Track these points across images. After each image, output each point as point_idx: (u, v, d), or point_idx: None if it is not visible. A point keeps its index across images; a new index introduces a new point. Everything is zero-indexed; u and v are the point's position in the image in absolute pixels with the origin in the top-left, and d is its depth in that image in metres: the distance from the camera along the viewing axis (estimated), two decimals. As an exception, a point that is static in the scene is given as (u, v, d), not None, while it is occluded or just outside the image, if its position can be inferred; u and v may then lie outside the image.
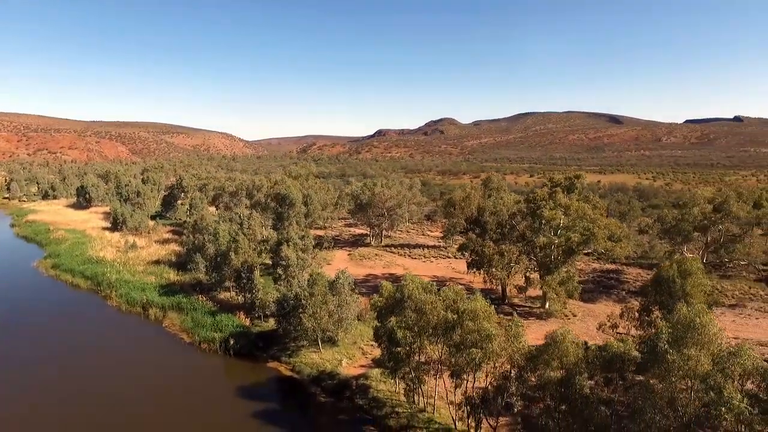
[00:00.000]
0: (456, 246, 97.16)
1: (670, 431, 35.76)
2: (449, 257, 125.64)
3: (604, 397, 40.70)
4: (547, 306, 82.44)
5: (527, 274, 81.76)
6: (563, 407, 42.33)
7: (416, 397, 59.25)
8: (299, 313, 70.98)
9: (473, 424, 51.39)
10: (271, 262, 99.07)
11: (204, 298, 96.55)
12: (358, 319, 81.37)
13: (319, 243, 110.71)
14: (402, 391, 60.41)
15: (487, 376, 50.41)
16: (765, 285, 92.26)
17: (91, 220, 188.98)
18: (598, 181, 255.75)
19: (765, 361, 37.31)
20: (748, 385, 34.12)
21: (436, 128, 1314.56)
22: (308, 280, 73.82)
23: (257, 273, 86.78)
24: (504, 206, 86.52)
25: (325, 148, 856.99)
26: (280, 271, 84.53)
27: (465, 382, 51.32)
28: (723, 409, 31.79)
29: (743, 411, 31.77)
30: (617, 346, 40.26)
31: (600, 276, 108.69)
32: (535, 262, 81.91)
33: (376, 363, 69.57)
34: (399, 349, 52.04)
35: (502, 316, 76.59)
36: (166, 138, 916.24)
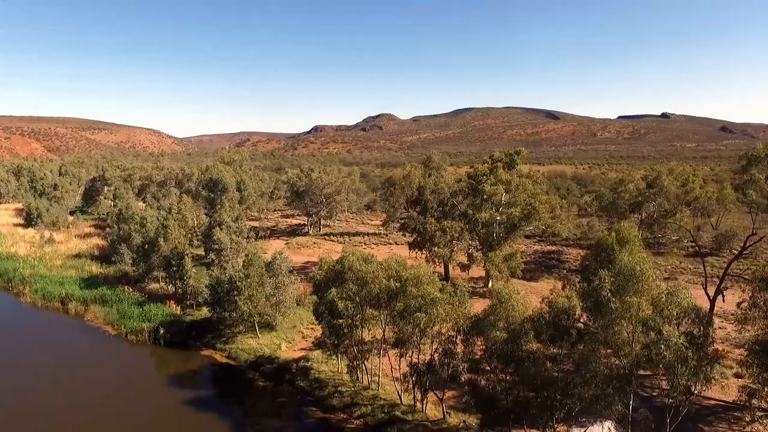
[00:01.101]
0: (397, 231, 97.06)
1: (614, 377, 36.76)
2: (390, 243, 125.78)
3: (550, 353, 41.28)
4: (490, 285, 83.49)
5: (470, 251, 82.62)
6: (511, 369, 42.63)
7: (360, 375, 58.65)
8: (234, 297, 68.81)
9: (419, 396, 51.12)
10: (204, 252, 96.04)
11: (131, 290, 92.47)
12: (297, 304, 79.96)
13: (255, 232, 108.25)
14: (345, 370, 59.64)
15: (432, 345, 50.21)
16: (693, 260, 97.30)
17: (1, 217, 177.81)
18: (537, 171, 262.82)
19: None
20: (684, 326, 35.60)
21: (374, 124, 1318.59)
22: (244, 262, 71.71)
23: (188, 259, 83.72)
24: (445, 184, 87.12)
25: (259, 144, 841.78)
26: (212, 255, 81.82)
27: (410, 352, 50.99)
28: (662, 347, 32.98)
29: (680, 347, 33.13)
30: (562, 301, 40.96)
31: (542, 257, 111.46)
32: (477, 241, 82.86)
33: (317, 345, 68.60)
34: (341, 321, 51.10)
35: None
36: (86, 134, 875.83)
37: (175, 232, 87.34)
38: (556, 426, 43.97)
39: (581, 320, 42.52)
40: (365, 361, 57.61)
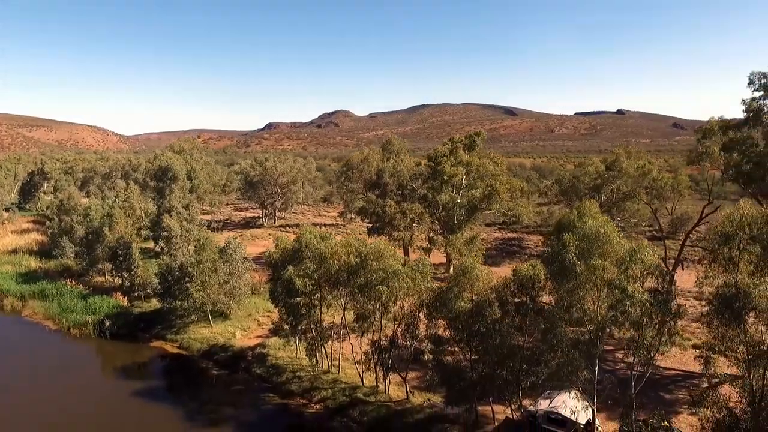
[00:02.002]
0: (355, 217, 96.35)
1: (580, 342, 37.04)
2: (349, 234, 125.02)
3: (516, 323, 41.40)
4: (451, 270, 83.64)
5: (430, 235, 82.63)
6: (476, 341, 42.57)
7: (320, 359, 57.75)
8: (185, 284, 66.81)
9: (381, 376, 50.59)
10: (153, 240, 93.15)
11: (74, 283, 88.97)
12: (253, 293, 78.45)
13: (207, 225, 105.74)
14: (304, 355, 58.66)
15: (395, 323, 49.76)
16: (651, 243, 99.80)
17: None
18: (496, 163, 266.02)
19: None
20: (648, 284, 36.17)
21: (330, 121, 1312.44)
22: (195, 247, 69.77)
23: (135, 248, 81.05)
24: (405, 167, 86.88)
25: (210, 142, 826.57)
26: (162, 244, 79.38)
27: (371, 331, 50.35)
28: (628, 303, 33.40)
29: (645, 303, 33.64)
30: (527, 269, 41.08)
31: (503, 243, 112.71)
32: (438, 224, 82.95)
33: (274, 332, 67.37)
34: (298, 299, 50.05)
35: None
36: (24, 132, 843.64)
37: (121, 221, 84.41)
38: (522, 398, 44.25)
39: (546, 300, 42.62)
40: (325, 345, 56.79)
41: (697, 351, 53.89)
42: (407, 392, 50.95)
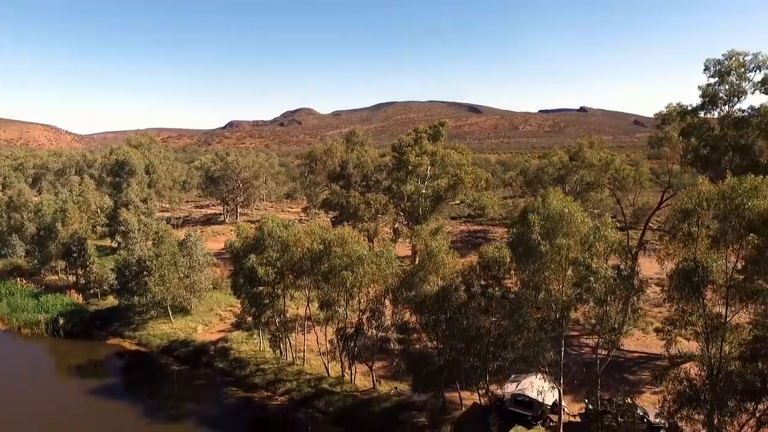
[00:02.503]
0: (319, 209, 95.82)
1: (546, 321, 37.58)
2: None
3: (482, 306, 41.77)
4: (416, 262, 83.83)
5: (395, 226, 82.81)
6: (443, 325, 42.80)
7: (284, 351, 57.35)
8: (144, 279, 65.43)
9: (347, 364, 50.43)
10: (109, 235, 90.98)
11: (25, 282, 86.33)
12: (214, 288, 77.44)
13: (167, 221, 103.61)
14: (268, 347, 58.17)
15: (360, 309, 49.68)
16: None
17: None
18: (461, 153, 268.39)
19: None
20: (612, 261, 36.92)
21: (293, 119, 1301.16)
22: (154, 240, 68.37)
23: (90, 244, 79.02)
24: (369, 158, 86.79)
25: (170, 140, 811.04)
26: (119, 239, 77.54)
27: (336, 321, 50.11)
28: (592, 279, 34.00)
29: (609, 279, 34.32)
30: (492, 252, 41.47)
31: (468, 236, 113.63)
32: (403, 215, 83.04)
33: (237, 326, 66.47)
34: (261, 288, 49.47)
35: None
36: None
37: (75, 216, 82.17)
38: (489, 383, 44.69)
39: (512, 283, 43.01)
40: (289, 337, 56.39)
41: (660, 334, 55.96)
42: (374, 381, 50.95)
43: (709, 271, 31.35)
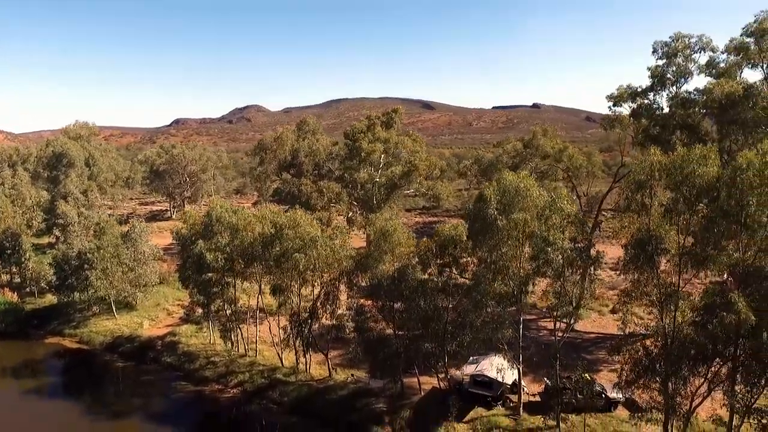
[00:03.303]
0: (270, 200, 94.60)
1: (504, 296, 37.97)
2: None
3: (439, 285, 41.93)
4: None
5: (349, 215, 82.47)
6: (399, 306, 42.75)
7: (236, 343, 56.27)
8: (85, 273, 63.10)
9: (301, 350, 49.80)
10: (46, 229, 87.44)
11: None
12: (161, 282, 75.52)
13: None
14: (219, 339, 57.06)
15: (314, 292, 49.18)
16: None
17: None
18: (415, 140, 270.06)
19: None
20: (568, 233, 37.58)
21: (242, 116, 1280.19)
22: (95, 231, 66.08)
23: (26, 239, 75.86)
24: (321, 146, 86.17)
25: (112, 138, 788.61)
26: (57, 233, 74.66)
27: (289, 307, 49.47)
28: (549, 249, 34.50)
29: (566, 249, 34.90)
30: (449, 229, 41.61)
31: (423, 227, 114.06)
32: (357, 204, 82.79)
33: (186, 319, 65.02)
34: (210, 275, 48.36)
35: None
36: None
37: (7, 211, 78.74)
38: (448, 366, 44.82)
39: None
40: (241, 328, 55.42)
41: (616, 315, 57.31)
42: (329, 369, 50.50)
43: (662, 240, 32.22)
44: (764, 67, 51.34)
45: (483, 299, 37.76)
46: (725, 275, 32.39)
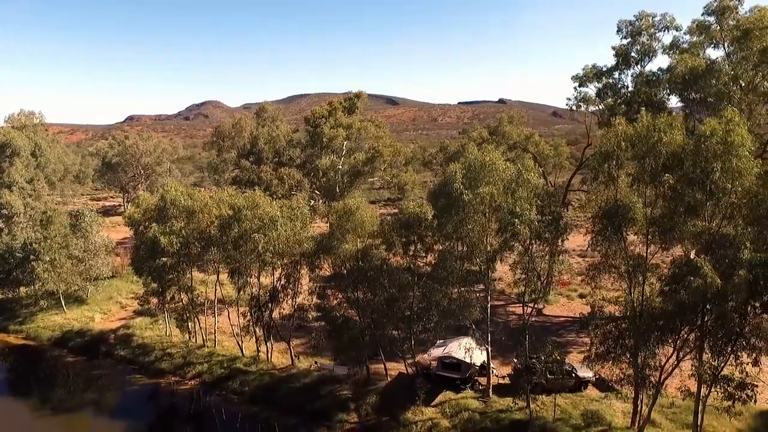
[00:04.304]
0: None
1: (471, 273, 37.96)
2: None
3: (405, 264, 41.71)
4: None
5: (311, 204, 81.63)
6: (364, 286, 42.41)
7: (194, 334, 55.18)
8: (31, 264, 61.00)
9: (262, 338, 49.04)
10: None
11: None
12: (114, 276, 73.73)
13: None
14: (175, 331, 55.90)
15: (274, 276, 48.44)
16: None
17: None
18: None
19: None
20: (536, 205, 37.78)
21: (199, 112, 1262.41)
22: (41, 221, 63.96)
23: (-35, 234, 73.04)
24: (281, 133, 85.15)
25: (62, 135, 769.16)
26: (0, 224, 72.10)
27: (248, 286, 48.70)
28: (517, 221, 34.51)
29: (534, 220, 35.01)
30: (414, 207, 41.39)
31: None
32: (319, 193, 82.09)
33: (140, 312, 63.41)
34: (165, 260, 47.13)
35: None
36: None
37: (-55, 202, 75.69)
38: (414, 350, 44.63)
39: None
40: (199, 318, 54.36)
41: (584, 299, 58.04)
42: (292, 357, 49.86)
43: (629, 210, 32.55)
44: (726, 46, 52.48)
45: (449, 277, 37.62)
46: (692, 253, 33.00)
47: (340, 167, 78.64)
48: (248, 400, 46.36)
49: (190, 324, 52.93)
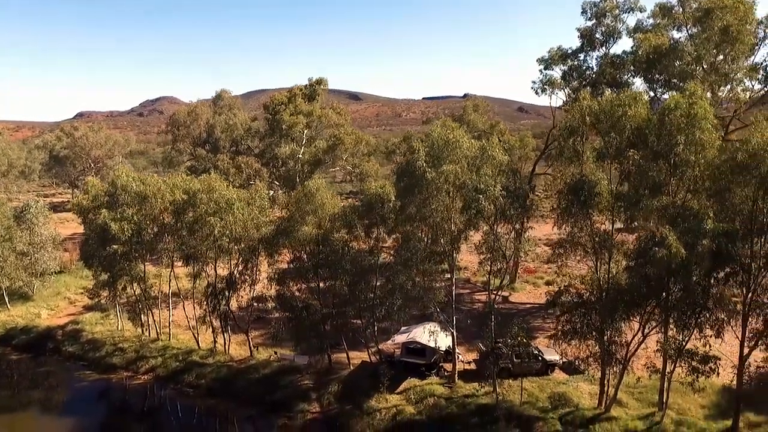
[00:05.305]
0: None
1: (435, 254, 37.95)
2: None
3: (368, 246, 41.53)
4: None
5: (271, 194, 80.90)
6: (325, 271, 42.08)
7: (147, 327, 54.16)
8: (-32, 258, 58.89)
9: (219, 329, 48.31)
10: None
11: None
12: (62, 271, 71.89)
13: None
14: (127, 325, 54.78)
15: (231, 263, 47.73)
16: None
17: None
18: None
19: None
20: (500, 182, 37.95)
21: (153, 108, 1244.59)
22: (-20, 212, 61.75)
23: None
24: (238, 121, 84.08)
25: (6, 132, 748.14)
26: (-63, 218, 69.35)
27: (204, 274, 47.93)
28: (481, 197, 34.59)
29: (498, 197, 35.15)
30: (376, 187, 41.18)
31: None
32: (279, 184, 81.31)
33: (90, 307, 61.93)
34: (116, 247, 45.89)
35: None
36: None
37: None
38: (378, 339, 44.42)
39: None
40: (152, 311, 53.29)
41: (551, 286, 58.66)
42: (251, 349, 49.19)
43: (595, 184, 32.92)
44: (688, 28, 53.68)
45: (413, 257, 37.54)
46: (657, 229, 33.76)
47: (301, 156, 78.02)
48: (205, 393, 45.57)
49: (143, 317, 51.83)
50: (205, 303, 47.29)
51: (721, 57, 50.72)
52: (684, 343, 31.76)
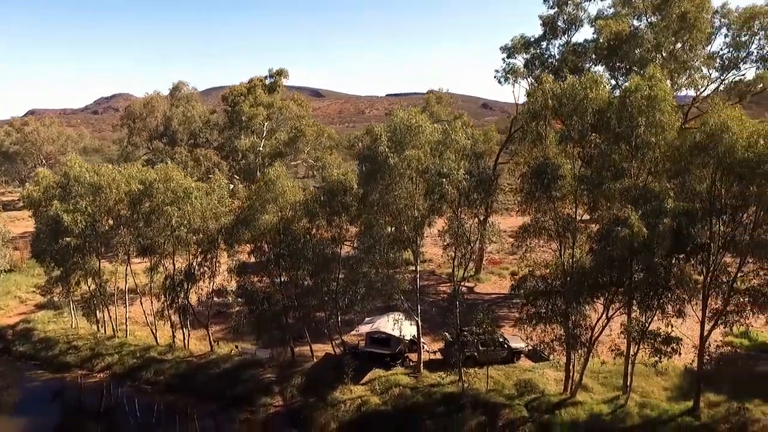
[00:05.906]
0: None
1: (399, 241, 37.93)
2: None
3: (330, 235, 41.33)
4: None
5: (231, 187, 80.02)
6: (285, 262, 41.73)
7: (103, 324, 53.03)
8: None
9: (178, 324, 47.55)
10: None
11: None
12: (12, 270, 70.01)
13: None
14: (81, 320, 53.63)
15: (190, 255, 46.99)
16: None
17: None
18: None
19: None
20: (464, 167, 38.13)
21: (108, 105, 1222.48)
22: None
23: None
24: (196, 113, 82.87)
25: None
26: None
27: (162, 266, 47.13)
28: (445, 181, 34.69)
29: (461, 180, 35.30)
30: (337, 175, 40.99)
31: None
32: (239, 178, 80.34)
33: (42, 306, 60.46)
34: (69, 239, 44.69)
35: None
36: None
37: None
38: (342, 331, 44.25)
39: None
40: (109, 308, 52.17)
41: (516, 276, 59.28)
42: (211, 343, 48.53)
43: (558, 167, 33.30)
44: (648, 16, 54.82)
45: (376, 245, 37.47)
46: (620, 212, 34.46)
47: (261, 149, 77.25)
48: (164, 390, 44.92)
49: (98, 314, 50.76)
50: (163, 297, 46.41)
51: (680, 45, 52.00)
52: (647, 325, 32.39)
